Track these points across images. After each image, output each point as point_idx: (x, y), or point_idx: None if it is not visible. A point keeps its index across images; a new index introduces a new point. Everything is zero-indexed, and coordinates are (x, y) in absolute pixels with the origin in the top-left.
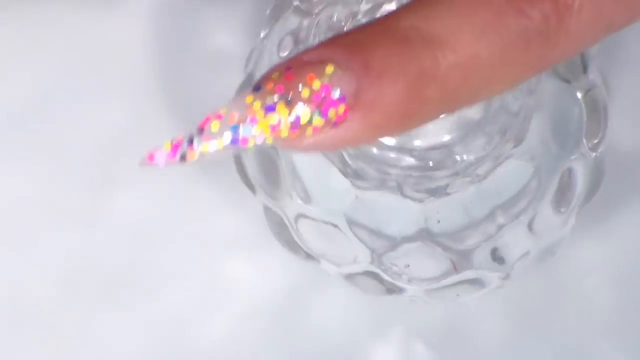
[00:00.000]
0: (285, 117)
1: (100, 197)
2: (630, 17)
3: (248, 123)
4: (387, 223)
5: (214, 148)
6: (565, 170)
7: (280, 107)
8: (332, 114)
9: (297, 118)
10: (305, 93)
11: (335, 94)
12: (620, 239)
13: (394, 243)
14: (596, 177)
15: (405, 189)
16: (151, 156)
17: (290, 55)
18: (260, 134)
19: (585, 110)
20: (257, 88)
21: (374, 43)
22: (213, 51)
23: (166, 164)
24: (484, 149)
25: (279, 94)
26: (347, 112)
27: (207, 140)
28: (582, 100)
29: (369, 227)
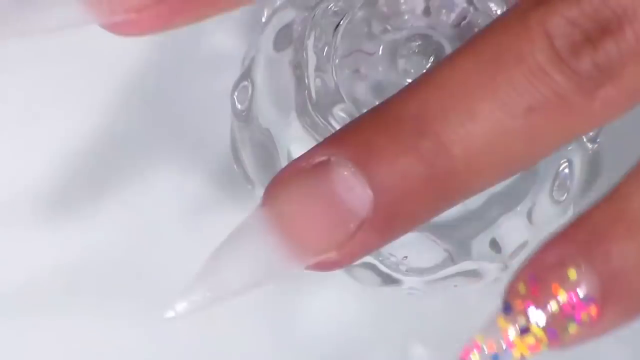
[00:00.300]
0: (541, 337)
1: (100, 196)
2: None
3: (507, 350)
4: None
5: None
6: (563, 161)
7: (534, 328)
8: (585, 317)
9: (552, 332)
10: (554, 307)
11: (583, 299)
12: None
13: None
14: (595, 168)
15: None
16: None
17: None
18: (520, 356)
19: None
20: (507, 308)
21: (610, 236)
22: (211, 51)
23: None
24: None
25: (529, 314)
26: (599, 312)
27: None
28: None
29: None
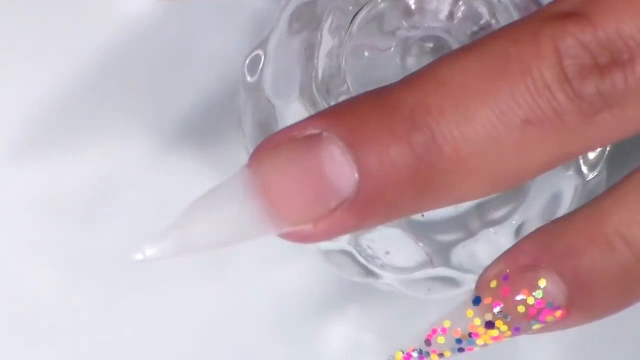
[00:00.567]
0: (505, 330)
1: (101, 196)
2: None
3: (471, 337)
4: None
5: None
6: (557, 189)
7: (498, 323)
8: (549, 319)
9: (516, 328)
10: (521, 309)
11: (549, 305)
12: None
13: None
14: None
15: None
16: None
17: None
18: (482, 344)
19: None
20: (476, 300)
21: (583, 251)
22: (213, 51)
23: None
24: None
25: (497, 310)
26: (564, 315)
27: (434, 353)
28: None
29: None
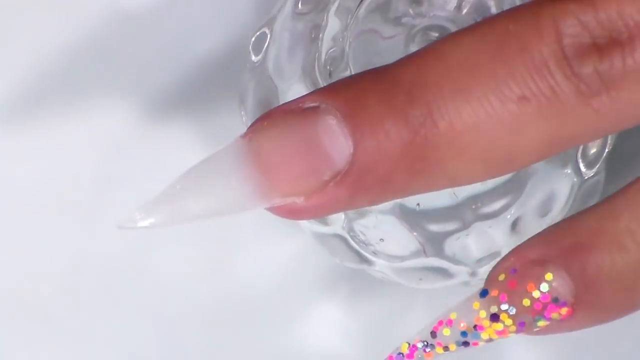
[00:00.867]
0: (510, 325)
1: (102, 196)
2: None
3: (476, 330)
4: None
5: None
6: (554, 186)
7: (503, 316)
8: (555, 316)
9: (521, 323)
10: (526, 302)
11: (554, 301)
12: None
13: (365, 210)
14: (589, 197)
15: None
16: (391, 358)
17: None
18: (487, 338)
19: None
20: (483, 293)
21: (591, 249)
22: (213, 50)
23: None
24: None
25: (502, 303)
26: (569, 313)
27: (439, 345)
28: None
29: None
